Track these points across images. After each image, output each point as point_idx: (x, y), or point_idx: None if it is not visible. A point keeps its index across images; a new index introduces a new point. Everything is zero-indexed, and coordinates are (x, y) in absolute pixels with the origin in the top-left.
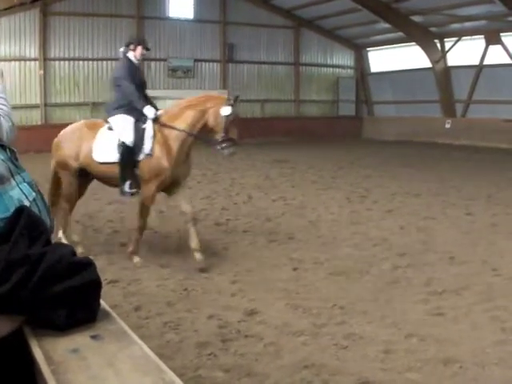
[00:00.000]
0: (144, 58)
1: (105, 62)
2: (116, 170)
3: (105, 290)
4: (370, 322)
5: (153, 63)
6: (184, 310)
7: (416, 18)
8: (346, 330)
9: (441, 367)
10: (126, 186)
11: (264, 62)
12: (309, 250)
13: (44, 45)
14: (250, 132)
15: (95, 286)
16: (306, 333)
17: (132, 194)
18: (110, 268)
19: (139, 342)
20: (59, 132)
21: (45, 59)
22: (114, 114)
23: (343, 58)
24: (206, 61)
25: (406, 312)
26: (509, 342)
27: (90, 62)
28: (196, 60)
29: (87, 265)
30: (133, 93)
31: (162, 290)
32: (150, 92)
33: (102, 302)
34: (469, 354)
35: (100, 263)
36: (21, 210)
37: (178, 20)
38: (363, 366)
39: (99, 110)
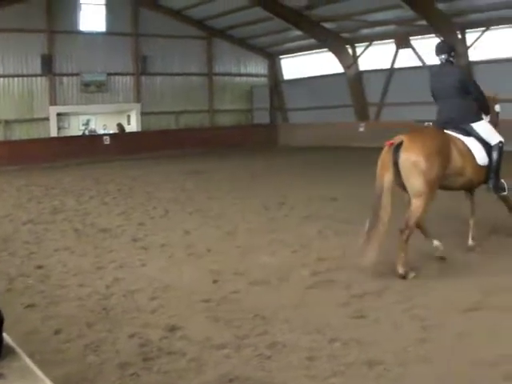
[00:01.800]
0: (55, 73)
1: (16, 79)
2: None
3: (21, 315)
4: (292, 329)
5: (65, 78)
6: (104, 330)
7: (327, 25)
8: (268, 340)
9: (364, 370)
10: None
11: (177, 74)
12: (228, 260)
13: None
14: (166, 144)
15: None
16: (228, 345)
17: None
18: (26, 291)
19: (44, 378)
20: None
21: None
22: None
23: (256, 67)
24: (119, 74)
25: (328, 317)
26: (429, 339)
27: (1, 79)
28: (109, 74)
29: None
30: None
31: (81, 311)
32: (61, 108)
33: (5, 336)
34: (391, 355)
35: (19, 286)
36: None
37: (90, 33)
38: (288, 375)
39: (12, 128)
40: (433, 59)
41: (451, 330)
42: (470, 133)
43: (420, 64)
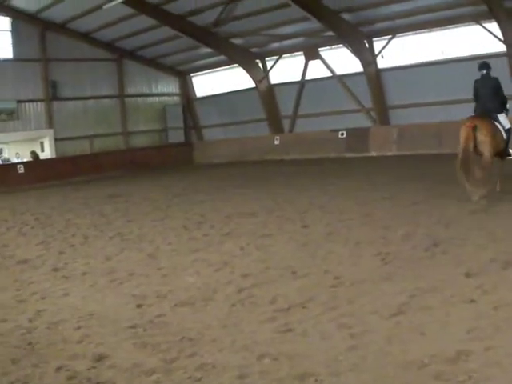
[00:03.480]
0: None
1: None
2: None
3: None
4: (220, 349)
5: None
6: (30, 365)
7: (236, 41)
8: (197, 362)
9: (297, 383)
10: None
11: (89, 97)
12: (150, 284)
13: None
14: (82, 169)
15: None
16: (157, 370)
17: None
18: None
19: None
20: None
21: None
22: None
23: (168, 86)
24: (29, 101)
25: (256, 333)
26: (359, 346)
27: None
28: (19, 101)
29: None
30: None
31: (4, 348)
32: None
33: None
34: (322, 365)
35: None
36: None
37: None
38: None
39: None
40: (342, 69)
41: (379, 335)
42: (496, 120)
43: (330, 74)
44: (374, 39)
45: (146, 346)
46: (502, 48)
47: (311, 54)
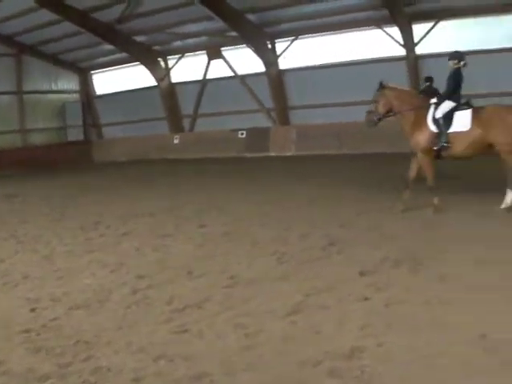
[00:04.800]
0: None
1: None
2: None
3: None
4: (116, 351)
5: None
6: None
7: (139, 38)
8: (92, 365)
9: None
10: None
11: None
12: (45, 286)
13: None
14: None
15: None
16: (51, 376)
17: None
18: None
19: None
20: None
21: None
22: None
23: (68, 83)
24: None
25: (152, 334)
26: (253, 346)
27: None
28: None
29: None
30: None
31: None
32: None
33: None
34: (218, 366)
35: None
36: None
37: None
38: None
39: None
40: (244, 69)
41: (275, 335)
42: None
43: (232, 74)
44: (276, 40)
45: (40, 351)
46: (402, 52)
47: (214, 53)
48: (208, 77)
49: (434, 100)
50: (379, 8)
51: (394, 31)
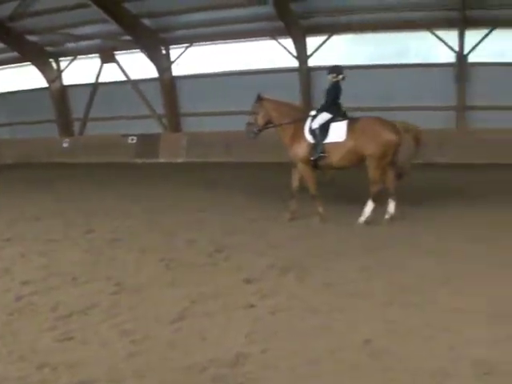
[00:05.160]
0: None
1: None
2: None
3: None
4: None
5: None
6: None
7: (31, 38)
8: None
9: None
10: None
11: None
12: None
13: None
14: None
15: None
16: None
17: None
18: None
19: None
20: None
21: None
22: None
23: None
24: None
25: (35, 342)
26: (139, 353)
27: None
28: None
29: None
30: None
31: None
32: None
33: None
34: (104, 373)
35: None
36: None
37: None
38: None
39: None
40: (137, 74)
41: (161, 341)
42: None
43: (125, 79)
44: (171, 46)
45: None
46: (295, 63)
47: (107, 56)
48: (100, 80)
49: (312, 112)
50: (275, 19)
51: (289, 43)
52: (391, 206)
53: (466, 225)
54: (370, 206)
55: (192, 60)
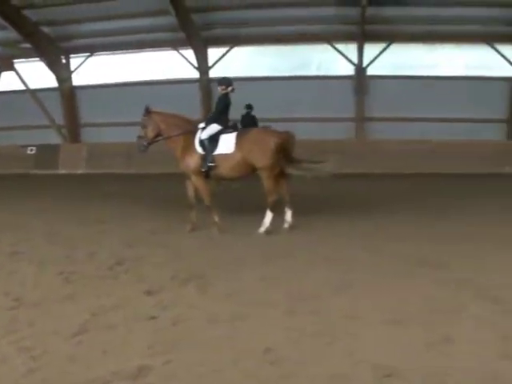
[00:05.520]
0: None
1: None
2: None
3: None
4: None
5: None
6: None
7: None
8: None
9: None
10: None
11: None
12: None
13: None
14: None
15: None
16: None
17: None
18: None
19: None
20: None
21: None
22: None
23: None
24: None
25: None
26: (39, 368)
27: None
28: None
29: None
30: None
31: None
32: None
33: None
34: None
35: None
36: None
37: None
38: None
39: None
40: (37, 83)
41: (61, 355)
42: None
43: (23, 88)
44: (71, 55)
45: None
46: (196, 74)
47: (6, 64)
48: None
49: (202, 124)
50: (176, 30)
51: (190, 54)
52: (288, 215)
53: (362, 234)
54: (268, 216)
55: (92, 70)
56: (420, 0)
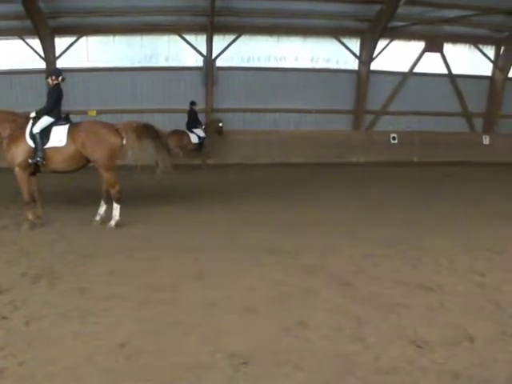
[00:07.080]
0: None
1: None
2: None
3: None
4: None
5: None
6: None
7: None
8: None
9: None
10: None
11: None
12: None
13: None
14: None
15: None
16: None
17: None
18: None
19: None
20: None
21: None
22: None
23: None
24: None
25: None
26: None
27: None
28: None
29: None
30: None
31: None
32: None
33: None
34: None
35: None
36: None
37: None
38: None
39: None
40: None
41: None
42: None
43: None
44: None
45: None
46: (43, 65)
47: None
48: None
49: (32, 114)
50: (23, 18)
51: (36, 43)
52: (102, 209)
53: (214, 221)
54: (116, 209)
55: None
56: None
